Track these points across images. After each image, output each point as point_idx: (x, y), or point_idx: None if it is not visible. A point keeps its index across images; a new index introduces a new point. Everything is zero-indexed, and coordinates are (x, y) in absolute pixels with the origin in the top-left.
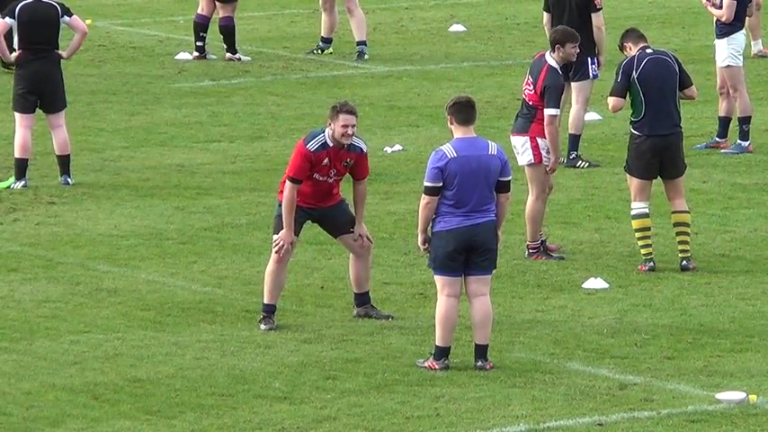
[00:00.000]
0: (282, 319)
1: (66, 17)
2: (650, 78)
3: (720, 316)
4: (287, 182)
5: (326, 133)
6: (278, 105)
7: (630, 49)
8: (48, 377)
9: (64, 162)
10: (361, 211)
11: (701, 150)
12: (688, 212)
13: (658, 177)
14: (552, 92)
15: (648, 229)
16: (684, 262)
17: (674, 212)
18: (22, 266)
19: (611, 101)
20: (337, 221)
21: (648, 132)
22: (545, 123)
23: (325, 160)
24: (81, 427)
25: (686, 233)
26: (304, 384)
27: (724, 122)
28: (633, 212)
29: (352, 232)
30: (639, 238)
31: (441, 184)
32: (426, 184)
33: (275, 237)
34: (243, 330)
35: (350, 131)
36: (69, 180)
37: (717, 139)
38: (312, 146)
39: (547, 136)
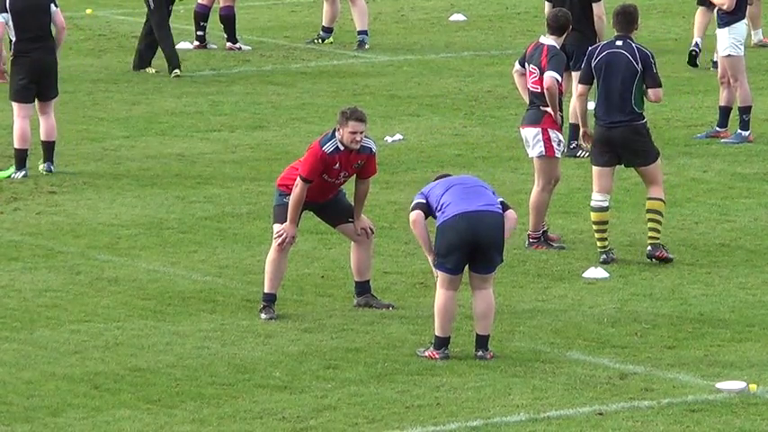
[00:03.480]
0: (283, 309)
1: (53, 6)
2: (600, 71)
3: (721, 306)
4: (299, 181)
5: (337, 137)
6: (278, 95)
7: (613, 29)
8: (48, 366)
9: (49, 148)
10: (360, 208)
11: (701, 140)
12: (661, 200)
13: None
14: (556, 60)
15: (605, 223)
16: (649, 248)
17: (647, 198)
18: (23, 256)
19: (579, 87)
20: (336, 211)
21: (598, 121)
22: (544, 86)
23: (337, 164)
24: (81, 417)
25: (655, 220)
26: (304, 374)
27: (724, 112)
28: (591, 204)
29: (351, 222)
30: (595, 231)
31: (424, 200)
32: (413, 203)
33: (276, 227)
34: (243, 320)
35: (358, 138)
36: (52, 167)
37: (717, 128)
38: (328, 148)
39: (546, 96)
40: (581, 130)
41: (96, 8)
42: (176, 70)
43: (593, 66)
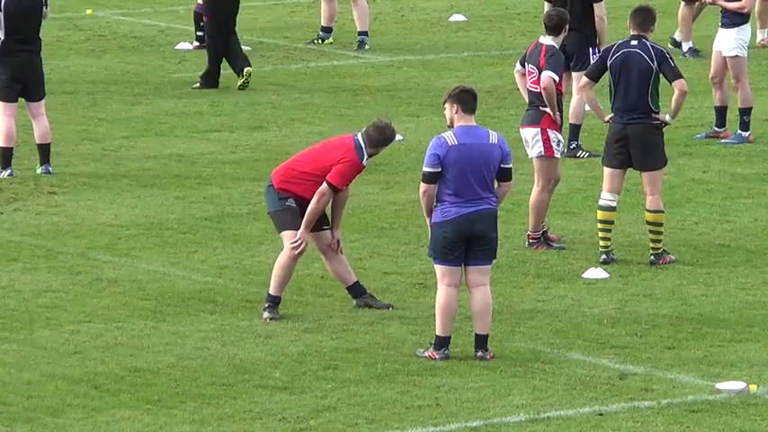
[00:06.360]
0: (283, 309)
1: (45, 8)
2: (617, 70)
3: (720, 306)
4: (327, 188)
5: (364, 150)
6: (278, 95)
7: (629, 29)
8: (48, 367)
9: (45, 151)
10: (341, 215)
11: (701, 140)
12: (659, 211)
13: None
14: (553, 60)
15: (611, 222)
16: (652, 257)
17: (646, 210)
18: (23, 256)
19: (582, 79)
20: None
21: (614, 119)
22: (541, 86)
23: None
24: (81, 417)
25: (657, 232)
26: (304, 374)
27: (720, 111)
28: (599, 203)
29: (323, 230)
30: (599, 230)
31: (439, 170)
32: (424, 169)
33: (289, 234)
34: (243, 320)
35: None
36: (50, 169)
37: (716, 128)
38: (365, 162)
39: (544, 97)
40: (606, 117)
41: (96, 9)
42: (198, 85)
43: (608, 65)
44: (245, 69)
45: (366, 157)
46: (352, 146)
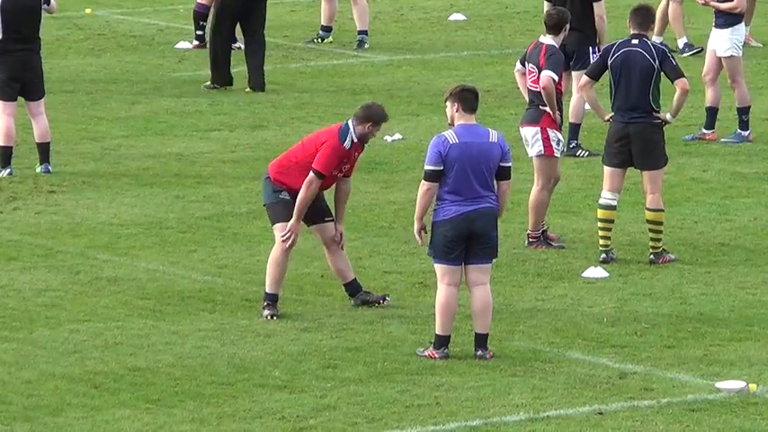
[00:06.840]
0: (282, 308)
1: (45, 5)
2: (618, 68)
3: (720, 305)
4: (313, 176)
5: (352, 131)
6: (278, 94)
7: (629, 28)
8: (48, 366)
9: (44, 150)
10: (343, 209)
11: (696, 141)
12: (659, 210)
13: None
14: (553, 59)
15: (611, 221)
16: (652, 257)
17: (646, 209)
18: (22, 255)
19: (582, 78)
20: (315, 209)
21: (615, 118)
22: (541, 85)
23: (346, 159)
24: (81, 416)
25: (655, 231)
26: (304, 373)
27: (711, 113)
28: (599, 201)
29: (326, 222)
30: (600, 229)
31: (441, 168)
32: (427, 167)
33: (281, 226)
34: (243, 319)
35: (376, 134)
36: (50, 168)
37: (704, 130)
38: (347, 144)
39: (544, 96)
40: (606, 116)
41: (96, 8)
42: (209, 83)
43: (609, 64)
44: (254, 90)
45: (351, 139)
46: (336, 130)
